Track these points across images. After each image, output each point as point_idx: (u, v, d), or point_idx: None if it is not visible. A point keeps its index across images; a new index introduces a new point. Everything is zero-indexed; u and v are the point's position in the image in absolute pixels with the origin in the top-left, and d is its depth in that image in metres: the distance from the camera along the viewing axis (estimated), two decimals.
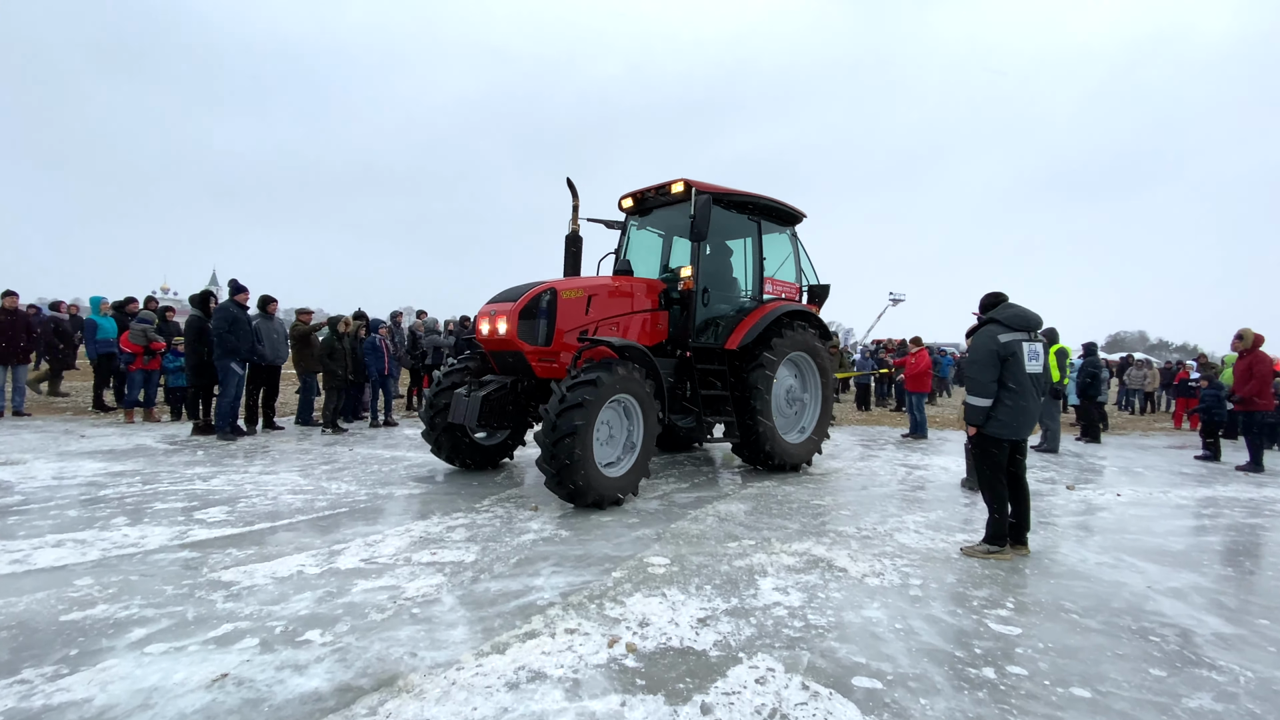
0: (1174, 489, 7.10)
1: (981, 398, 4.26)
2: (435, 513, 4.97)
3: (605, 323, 6.06)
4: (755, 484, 6.49)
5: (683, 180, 6.56)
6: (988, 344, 4.24)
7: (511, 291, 6.04)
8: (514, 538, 4.37)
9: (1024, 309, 4.35)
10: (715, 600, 3.38)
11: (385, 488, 5.77)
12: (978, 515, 5.52)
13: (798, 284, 7.85)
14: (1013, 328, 4.24)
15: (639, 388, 5.36)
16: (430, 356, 10.95)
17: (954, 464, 8.22)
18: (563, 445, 4.79)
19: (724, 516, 5.15)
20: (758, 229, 7.28)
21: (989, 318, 4.41)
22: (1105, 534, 5.12)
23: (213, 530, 4.38)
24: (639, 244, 7.69)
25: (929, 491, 6.49)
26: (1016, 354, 4.17)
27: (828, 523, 5.08)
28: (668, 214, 7.26)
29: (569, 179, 7.11)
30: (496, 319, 5.80)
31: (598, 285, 6.14)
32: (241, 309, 8.36)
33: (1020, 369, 4.16)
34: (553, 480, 4.93)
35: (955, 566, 4.13)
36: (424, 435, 6.42)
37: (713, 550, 4.24)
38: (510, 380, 6.06)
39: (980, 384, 4.26)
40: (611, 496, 5.17)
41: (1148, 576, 4.10)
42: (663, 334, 6.62)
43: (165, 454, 7.10)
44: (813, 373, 7.55)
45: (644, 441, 5.49)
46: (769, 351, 6.75)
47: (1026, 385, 4.19)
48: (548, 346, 5.73)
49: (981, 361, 4.26)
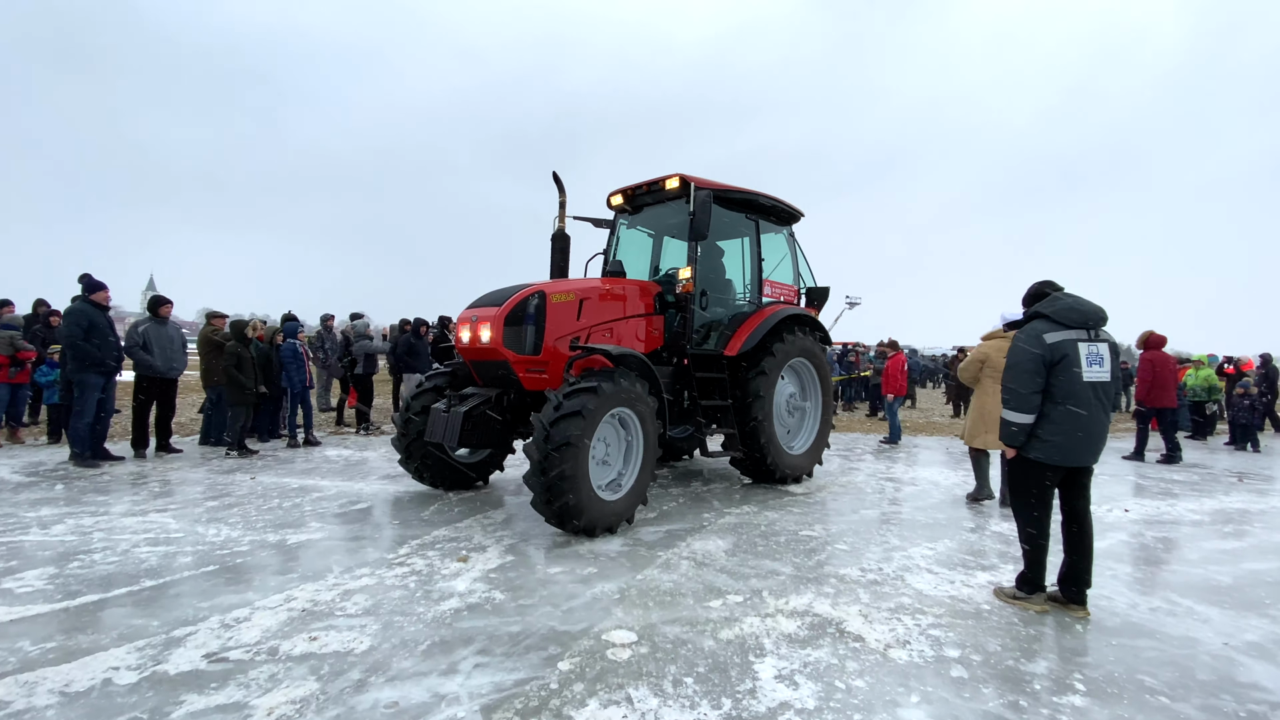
0: (1178, 501, 6.55)
1: (1020, 412, 3.42)
2: (334, 568, 3.88)
3: (598, 328, 5.57)
4: (733, 510, 5.59)
5: (678, 176, 6.03)
6: (1030, 345, 3.39)
7: (495, 295, 5.41)
8: (431, 605, 3.33)
9: (1081, 300, 3.44)
10: (702, 705, 2.44)
11: (279, 532, 4.63)
12: (989, 544, 4.76)
13: (795, 286, 7.37)
14: (1065, 324, 3.37)
15: (641, 401, 4.87)
16: (361, 364, 9.69)
17: (941, 476, 7.53)
18: (554, 458, 4.28)
19: (701, 559, 4.22)
20: (756, 228, 6.81)
21: (1033, 312, 3.57)
22: (1139, 565, 4.41)
23: (14, 607, 3.20)
24: (628, 243, 7.18)
25: (926, 513, 5.72)
26: (1070, 356, 3.33)
27: (825, 562, 4.21)
28: (659, 212, 6.78)
29: (555, 173, 6.42)
30: (478, 325, 5.20)
31: (590, 288, 5.62)
32: (100, 310, 6.95)
33: (1075, 377, 3.33)
34: (540, 499, 4.40)
35: (991, 625, 3.30)
36: (394, 443, 5.78)
37: (691, 614, 3.30)
38: (495, 393, 5.42)
39: (1018, 395, 3.41)
40: (605, 523, 4.61)
41: (1216, 627, 3.36)
42: (658, 340, 6.15)
43: (14, 488, 5.76)
44: (813, 379, 7.16)
45: (644, 462, 4.98)
46: (770, 358, 6.31)
47: (1086, 397, 3.32)
48: (536, 355, 5.20)
49: (1020, 366, 3.41)
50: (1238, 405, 11.00)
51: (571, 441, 4.29)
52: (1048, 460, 3.40)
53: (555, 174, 6.42)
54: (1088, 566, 3.48)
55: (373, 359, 9.59)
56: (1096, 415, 3.34)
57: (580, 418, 4.36)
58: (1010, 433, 3.47)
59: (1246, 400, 10.90)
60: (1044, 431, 3.39)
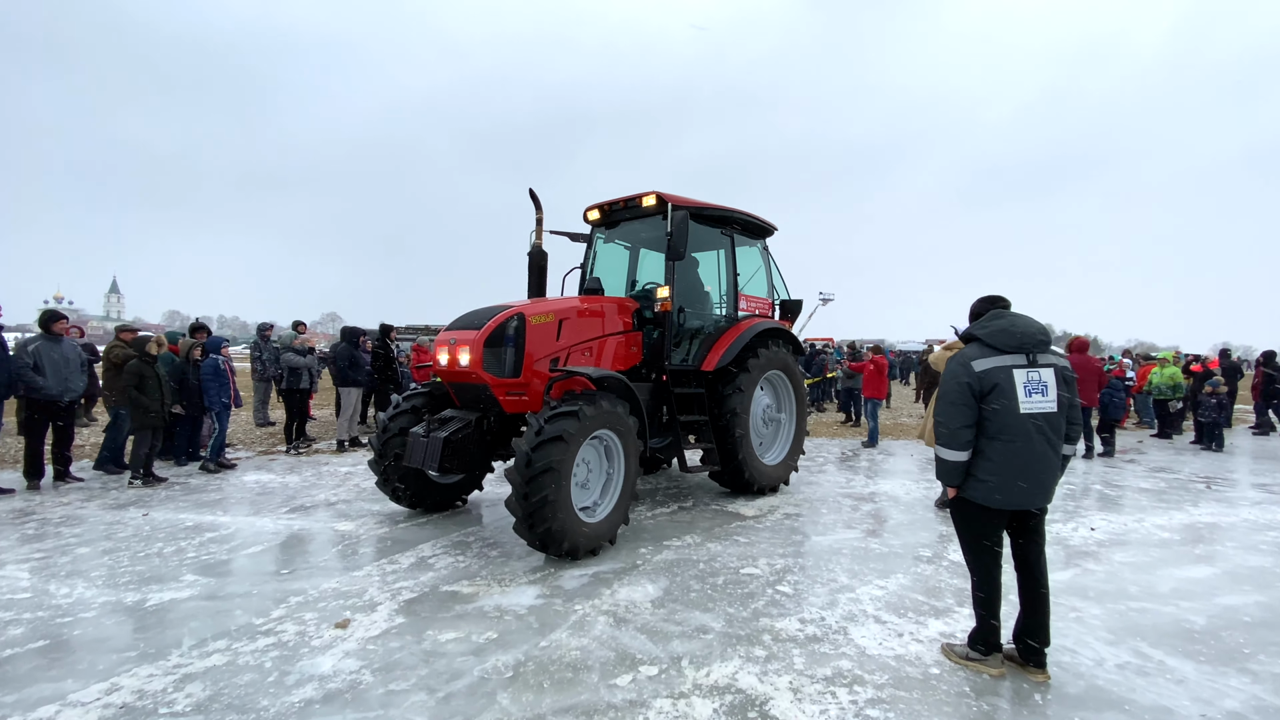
0: (1145, 515, 6.23)
1: (950, 449, 2.99)
2: (185, 640, 3.32)
3: (577, 348, 5.54)
4: (674, 543, 5.11)
5: (655, 193, 6.07)
6: (958, 374, 2.98)
7: (473, 317, 5.38)
8: (280, 696, 2.79)
9: (1018, 319, 3.04)
10: None
11: (143, 589, 4.03)
12: (944, 579, 4.35)
13: (769, 298, 7.47)
14: (998, 348, 2.97)
15: (621, 423, 4.90)
16: (285, 379, 8.99)
17: (902, 489, 7.15)
18: (537, 484, 4.26)
19: (623, 613, 3.72)
20: (731, 243, 6.91)
21: (968, 333, 3.15)
22: (1106, 603, 4.02)
23: None
24: (605, 258, 7.19)
25: (882, 537, 5.31)
26: (1001, 386, 2.91)
27: (762, 612, 3.75)
28: (636, 227, 6.79)
29: (531, 190, 6.43)
30: (457, 349, 5.16)
31: (568, 307, 5.59)
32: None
33: (1009, 408, 2.90)
34: (523, 524, 4.38)
35: (939, 696, 2.86)
36: (371, 465, 5.64)
37: (591, 699, 2.80)
38: (474, 417, 5.32)
39: (948, 430, 2.98)
40: (587, 545, 4.61)
41: (1191, 688, 2.97)
42: (637, 356, 6.16)
43: None
44: (788, 391, 7.28)
45: (624, 483, 5.00)
46: (746, 373, 6.38)
47: (1023, 430, 2.90)
48: (516, 378, 5.14)
49: (948, 397, 2.98)
50: (1205, 404, 10.84)
51: (554, 466, 4.28)
52: (986, 502, 2.97)
53: (532, 191, 6.42)
54: (1044, 623, 3.05)
55: (298, 373, 8.89)
56: (1039, 451, 2.91)
57: (562, 442, 4.34)
58: (945, 470, 3.03)
59: (1214, 399, 10.74)
60: (979, 470, 2.98)
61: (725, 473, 6.45)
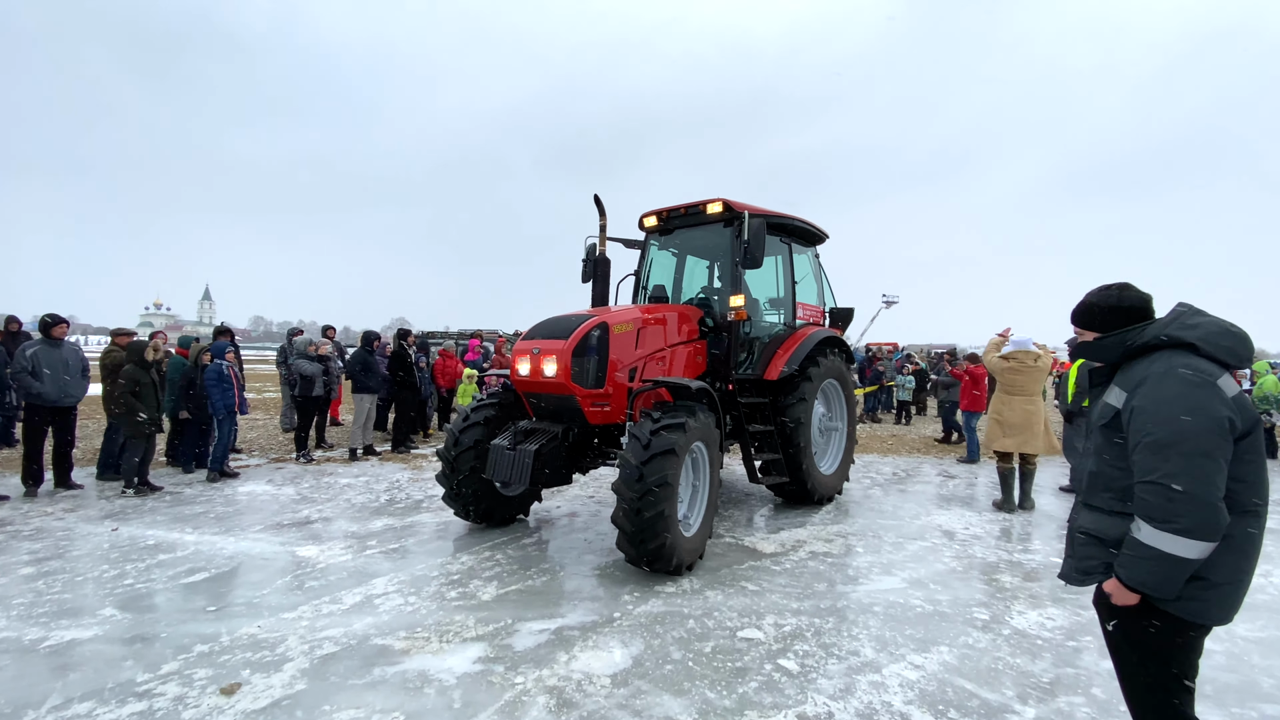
0: (1274, 569, 4.96)
1: (1199, 536, 1.78)
2: (51, 697, 2.79)
3: (652, 358, 5.43)
4: (667, 585, 4.32)
5: (721, 200, 5.99)
6: (1203, 402, 1.82)
7: (555, 325, 5.20)
8: None
9: (1230, 325, 1.96)
10: None
11: (50, 626, 3.56)
12: (1004, 657, 3.38)
13: (821, 306, 7.37)
14: (1225, 364, 1.92)
15: (711, 435, 4.82)
16: (298, 387, 8.72)
17: (959, 521, 6.07)
18: (650, 499, 4.10)
19: (570, 693, 2.96)
20: (789, 250, 6.85)
21: (1173, 338, 1.95)
22: (1230, 705, 2.97)
23: None
24: (657, 266, 7.14)
25: (927, 589, 4.34)
26: (1260, 424, 1.90)
27: (751, 700, 2.91)
28: (690, 233, 6.74)
29: (596, 196, 6.31)
30: (541, 358, 4.95)
31: (644, 316, 5.48)
32: None
33: (1262, 461, 1.91)
34: (632, 539, 4.21)
35: None
36: (439, 479, 5.44)
37: None
38: (560, 429, 5.13)
39: (1206, 502, 1.78)
40: (689, 560, 4.53)
41: None
42: (702, 366, 6.06)
43: None
44: (839, 399, 7.26)
45: (710, 496, 4.89)
46: (809, 381, 6.32)
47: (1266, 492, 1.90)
48: (599, 389, 5.03)
49: (1195, 441, 1.80)
50: None
51: (668, 480, 4.16)
52: (1204, 619, 1.91)
53: (596, 197, 6.30)
54: None
55: (310, 380, 8.59)
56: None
57: (674, 455, 4.24)
58: (1165, 572, 1.84)
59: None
60: (1213, 572, 1.86)
61: (791, 484, 6.31)
